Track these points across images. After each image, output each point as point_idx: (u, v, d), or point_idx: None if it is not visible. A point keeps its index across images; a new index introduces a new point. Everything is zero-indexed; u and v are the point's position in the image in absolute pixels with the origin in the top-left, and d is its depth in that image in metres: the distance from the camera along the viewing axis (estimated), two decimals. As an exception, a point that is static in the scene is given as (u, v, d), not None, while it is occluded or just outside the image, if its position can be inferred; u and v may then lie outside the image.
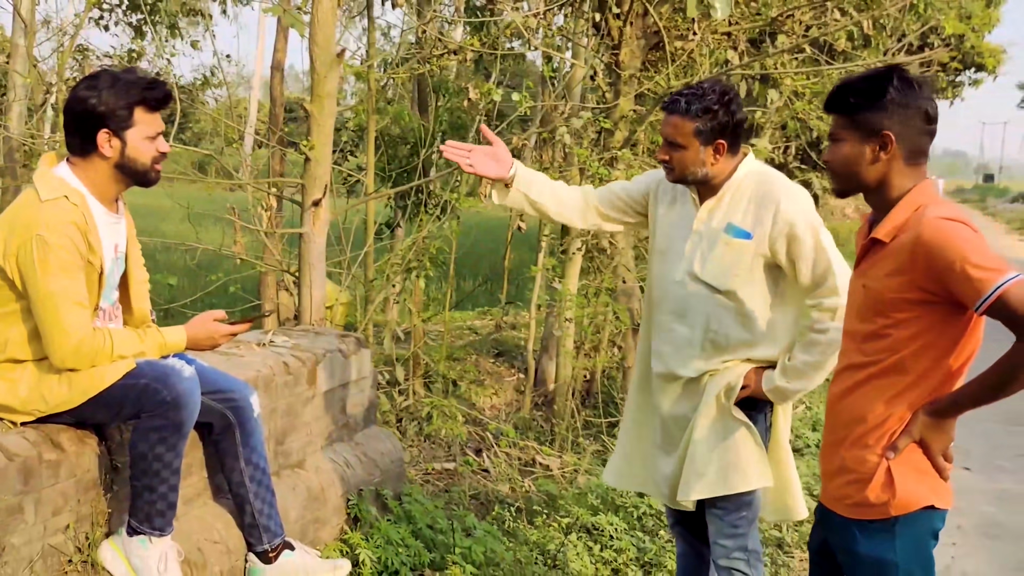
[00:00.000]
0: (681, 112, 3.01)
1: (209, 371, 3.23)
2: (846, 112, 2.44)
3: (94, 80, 2.82)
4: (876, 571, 2.41)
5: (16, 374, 2.81)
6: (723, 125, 3.01)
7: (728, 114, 3.01)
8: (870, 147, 2.40)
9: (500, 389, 10.33)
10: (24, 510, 2.70)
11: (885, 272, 2.37)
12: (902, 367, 2.37)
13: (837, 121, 2.48)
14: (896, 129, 2.38)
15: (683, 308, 3.14)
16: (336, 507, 4.00)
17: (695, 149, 3.02)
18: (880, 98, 2.38)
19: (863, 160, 2.42)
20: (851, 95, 2.43)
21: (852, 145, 2.43)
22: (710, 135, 3.01)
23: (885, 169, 2.41)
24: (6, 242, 2.73)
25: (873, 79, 2.42)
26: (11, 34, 11.00)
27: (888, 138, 2.38)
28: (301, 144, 5.54)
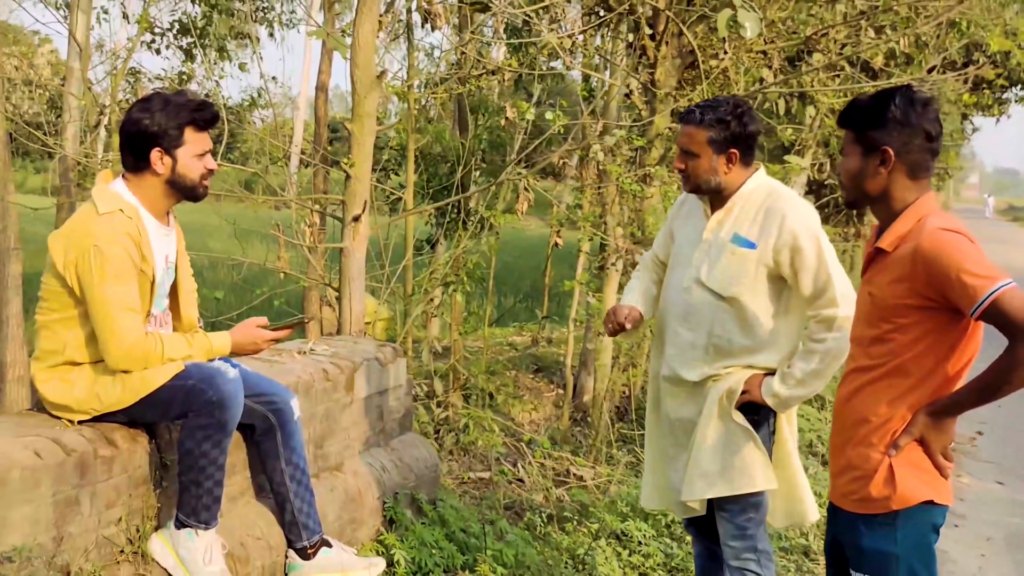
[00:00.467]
0: (695, 122, 3.20)
1: (252, 375, 3.41)
2: (854, 128, 2.62)
3: (147, 103, 3.03)
4: (879, 563, 2.54)
5: (73, 375, 3.01)
6: (735, 135, 3.18)
7: (740, 125, 3.18)
8: (872, 161, 2.57)
9: (539, 404, 10.46)
10: (80, 502, 2.89)
11: (888, 280, 2.52)
12: (904, 370, 2.51)
13: (847, 136, 2.66)
14: (896, 146, 2.54)
15: (689, 314, 3.29)
16: (372, 509, 4.17)
17: (708, 157, 3.20)
18: (882, 116, 2.54)
19: (866, 173, 2.60)
20: (857, 113, 2.61)
21: (857, 159, 2.62)
22: (722, 144, 3.18)
23: (886, 182, 2.58)
24: (66, 252, 2.93)
25: (879, 98, 2.59)
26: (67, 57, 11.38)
27: (887, 154, 2.54)
28: (342, 162, 5.75)
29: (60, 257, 2.94)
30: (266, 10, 13.70)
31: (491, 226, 8.16)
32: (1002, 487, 6.51)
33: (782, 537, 4.86)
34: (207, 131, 3.09)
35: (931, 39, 11.46)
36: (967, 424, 8.29)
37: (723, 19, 5.85)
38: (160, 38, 13.70)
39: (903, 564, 2.52)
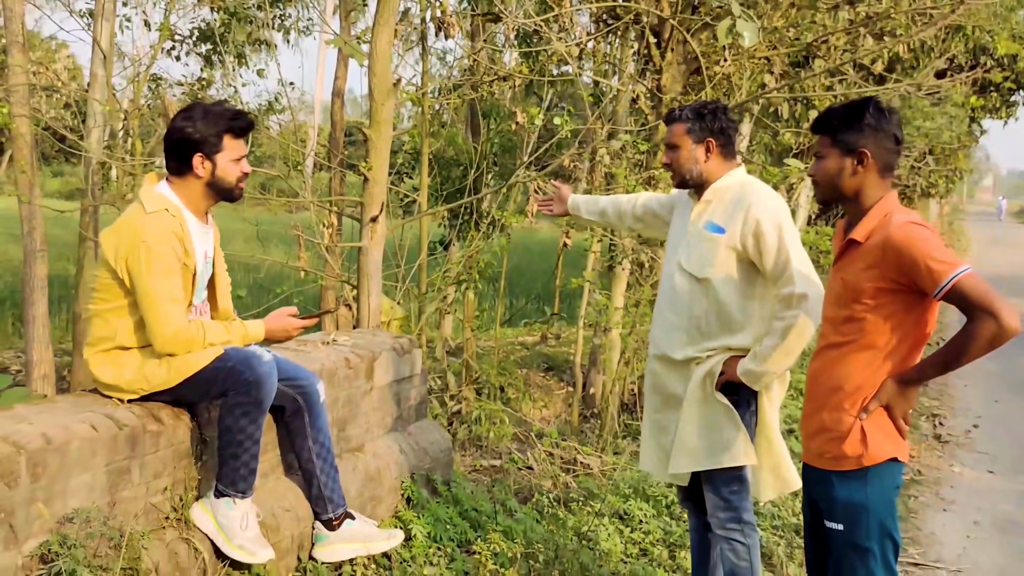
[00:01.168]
0: (676, 118, 3.64)
1: (282, 361, 3.73)
2: (830, 132, 2.96)
3: (189, 112, 3.35)
4: (851, 512, 2.88)
5: (123, 359, 3.33)
6: (711, 127, 3.58)
7: (715, 119, 3.59)
8: (850, 162, 2.91)
9: (549, 402, 10.77)
10: (131, 472, 3.21)
11: (860, 267, 2.86)
12: (873, 344, 2.86)
13: (822, 141, 3.00)
14: (871, 148, 2.89)
15: (673, 297, 3.65)
16: (391, 487, 4.48)
17: (688, 148, 3.60)
18: (859, 121, 2.90)
19: (844, 173, 2.93)
20: (834, 119, 2.96)
21: (834, 161, 2.95)
22: (700, 134, 3.59)
23: (861, 181, 2.92)
24: (117, 247, 3.26)
25: (853, 107, 2.95)
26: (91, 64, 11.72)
27: (864, 154, 2.89)
28: (360, 166, 6.07)
29: (112, 252, 3.26)
30: (283, 17, 14.03)
31: (503, 227, 8.47)
32: (993, 476, 6.78)
33: (774, 516, 5.16)
34: (243, 138, 3.41)
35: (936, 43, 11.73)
36: (963, 417, 8.57)
37: (723, 28, 6.15)
38: (180, 45, 14.05)
39: (872, 513, 2.87)
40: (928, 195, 22.41)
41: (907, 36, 8.71)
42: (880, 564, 2.89)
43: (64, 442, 2.97)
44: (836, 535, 2.92)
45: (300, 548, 3.85)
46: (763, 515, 5.09)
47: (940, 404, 8.98)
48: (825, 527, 2.97)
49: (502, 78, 8.90)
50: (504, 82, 9.09)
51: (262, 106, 15.42)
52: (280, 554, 3.71)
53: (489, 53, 9.94)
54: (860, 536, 2.88)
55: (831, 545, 2.95)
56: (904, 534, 5.37)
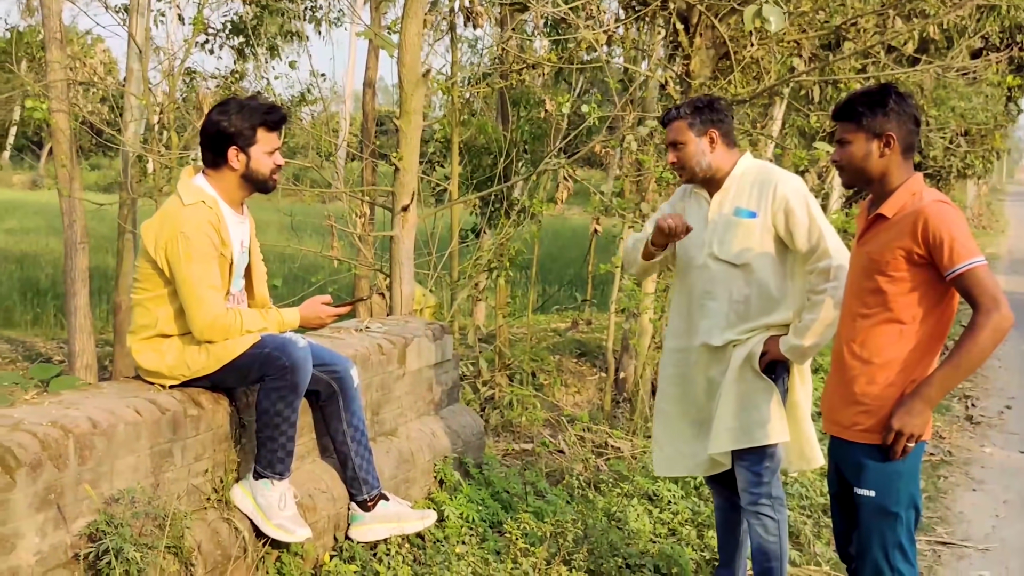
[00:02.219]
0: (675, 116, 3.72)
1: (317, 347, 3.84)
2: (854, 119, 3.04)
3: (225, 106, 3.47)
4: (883, 479, 2.98)
5: (164, 346, 3.46)
6: (711, 119, 3.67)
7: (712, 111, 3.68)
8: (876, 145, 3.01)
9: (582, 388, 10.83)
10: (173, 454, 3.34)
11: (886, 240, 2.96)
12: (898, 317, 2.95)
13: (845, 127, 3.09)
14: (896, 131, 2.99)
15: (710, 286, 3.71)
16: (424, 470, 4.59)
17: (692, 142, 3.68)
18: (883, 106, 3.00)
19: (871, 157, 3.03)
20: (858, 105, 3.04)
21: (861, 145, 3.04)
22: (701, 127, 3.67)
23: (888, 163, 3.02)
24: (156, 238, 3.38)
25: (875, 93, 3.05)
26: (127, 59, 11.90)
27: (891, 137, 2.99)
28: (391, 155, 6.17)
29: (151, 243, 3.38)
30: (314, 9, 14.16)
31: (533, 215, 8.53)
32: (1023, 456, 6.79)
33: (802, 496, 5.21)
34: (276, 131, 3.52)
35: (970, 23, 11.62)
36: (997, 398, 8.55)
37: (749, 14, 6.18)
38: (213, 38, 14.22)
39: (905, 481, 2.98)
40: (964, 176, 22.19)
41: (938, 16, 8.66)
42: (904, 530, 3.01)
43: (110, 426, 3.10)
44: (866, 501, 3.02)
45: (336, 528, 3.97)
46: (791, 495, 5.15)
47: (973, 385, 8.95)
48: (855, 495, 3.06)
49: (531, 66, 8.97)
50: (533, 70, 9.16)
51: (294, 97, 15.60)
52: (317, 534, 3.83)
53: (518, 41, 10.01)
54: (891, 502, 2.99)
55: (860, 512, 3.05)
56: (933, 513, 5.40)
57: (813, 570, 4.40)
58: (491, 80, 10.07)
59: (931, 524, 5.25)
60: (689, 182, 3.82)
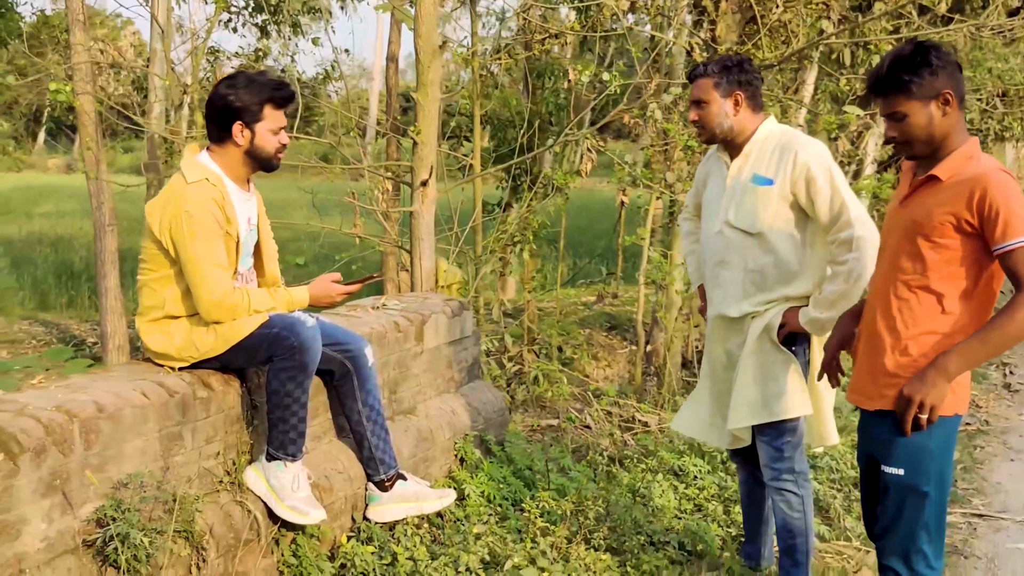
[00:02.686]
0: (701, 74, 3.57)
1: (329, 326, 3.78)
2: (903, 89, 2.80)
3: (233, 80, 3.39)
4: (915, 456, 2.83)
5: (172, 328, 3.40)
6: (738, 79, 3.53)
7: (741, 71, 3.53)
8: (935, 106, 2.79)
9: (612, 361, 10.74)
10: (183, 437, 3.29)
11: (937, 204, 2.77)
12: (937, 287, 2.78)
13: (895, 100, 2.83)
14: (950, 85, 2.79)
15: (725, 255, 3.59)
16: (444, 448, 4.53)
17: (716, 102, 3.54)
18: (929, 65, 2.77)
19: (934, 120, 2.80)
20: (903, 72, 2.79)
21: (919, 113, 2.80)
22: (727, 87, 3.53)
23: (952, 121, 2.81)
24: (161, 217, 3.32)
25: (913, 55, 2.80)
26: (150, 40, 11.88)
27: (949, 94, 2.78)
28: (409, 130, 6.08)
29: (156, 222, 3.32)
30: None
31: (559, 188, 8.41)
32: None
33: (832, 469, 5.09)
34: (284, 108, 3.44)
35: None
36: (1036, 367, 8.36)
37: (772, -25, 6.00)
38: (236, 17, 14.17)
39: (935, 459, 2.83)
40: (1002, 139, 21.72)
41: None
42: (933, 510, 2.87)
43: (117, 409, 3.05)
44: (894, 480, 2.87)
45: (354, 509, 3.91)
46: (820, 468, 5.04)
47: (1011, 352, 8.75)
48: (882, 473, 2.91)
49: (553, 35, 8.83)
50: (555, 39, 9.01)
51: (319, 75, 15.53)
52: (334, 515, 3.78)
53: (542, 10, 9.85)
54: (920, 480, 2.84)
55: (887, 490, 2.90)
56: (969, 484, 5.27)
57: (843, 545, 4.29)
58: (513, 51, 9.94)
59: (967, 495, 5.11)
60: (708, 143, 3.69)
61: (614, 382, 9.68)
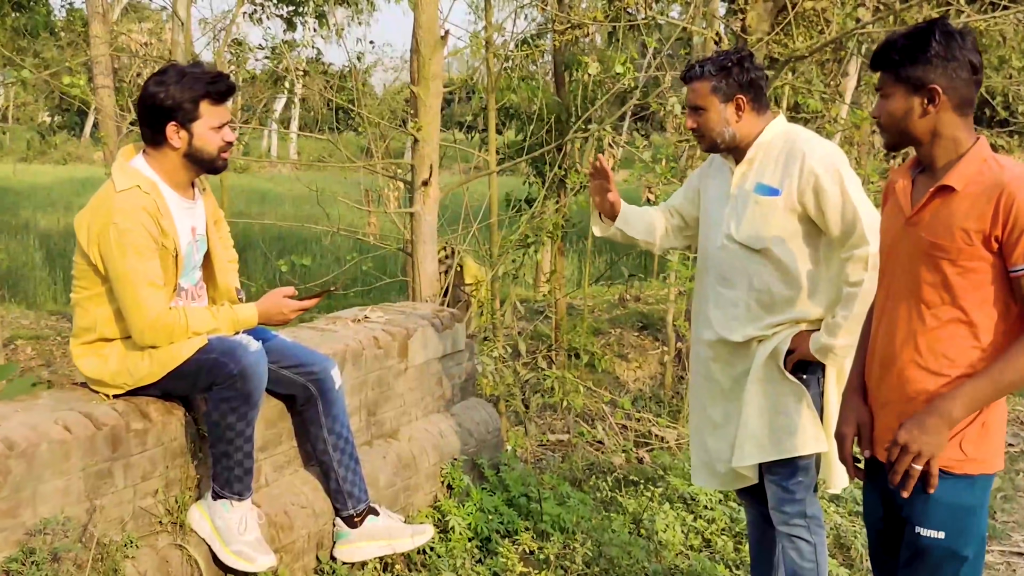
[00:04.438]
0: (697, 76, 3.12)
1: (291, 346, 3.42)
2: (891, 68, 2.46)
3: (163, 75, 3.02)
4: (956, 514, 2.41)
5: (106, 351, 3.06)
6: (739, 81, 3.09)
7: (743, 71, 3.08)
8: (918, 101, 2.41)
9: (643, 362, 10.33)
10: (114, 475, 2.95)
11: (956, 218, 2.36)
12: (972, 315, 2.37)
13: (884, 78, 2.50)
14: (942, 82, 2.39)
15: (727, 272, 3.18)
16: (428, 474, 4.15)
17: (716, 109, 3.10)
18: (925, 52, 2.39)
19: (912, 114, 2.43)
20: (895, 51, 2.45)
21: (900, 100, 2.45)
22: (728, 91, 3.09)
23: (934, 122, 2.42)
24: (89, 230, 2.97)
25: (916, 35, 2.43)
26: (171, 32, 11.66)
27: (936, 91, 2.39)
28: (409, 126, 5.71)
29: (84, 235, 2.98)
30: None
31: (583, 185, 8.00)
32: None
33: (856, 500, 4.65)
34: (224, 103, 3.07)
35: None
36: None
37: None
38: (261, 8, 13.91)
39: (977, 519, 2.44)
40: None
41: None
42: (972, 571, 2.46)
43: (31, 445, 2.72)
44: (932, 544, 2.42)
45: (319, 547, 3.56)
46: (842, 498, 4.60)
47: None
48: (915, 535, 2.45)
49: (575, 27, 8.41)
50: (577, 30, 8.60)
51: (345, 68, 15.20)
52: (295, 555, 3.43)
53: (567, 0, 9.44)
54: (962, 544, 2.42)
55: (922, 555, 2.45)
56: (1009, 517, 4.80)
57: (867, 590, 3.86)
58: (534, 41, 9.54)
59: (1006, 530, 4.64)
60: (710, 151, 3.28)
61: (645, 384, 9.28)
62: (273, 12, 14.04)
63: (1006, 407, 2.47)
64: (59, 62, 14.37)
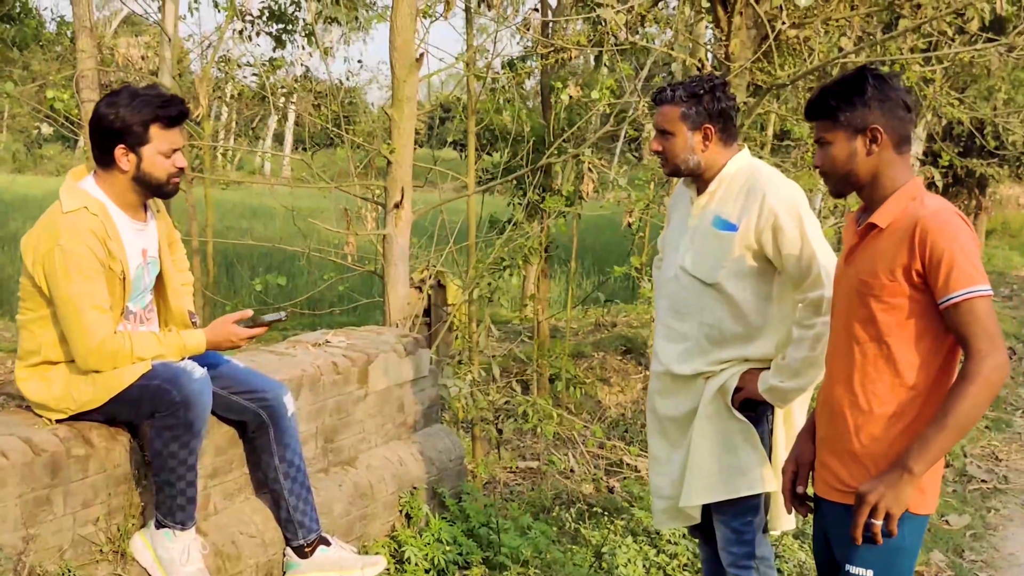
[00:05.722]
0: (668, 100, 3.07)
1: (242, 371, 3.37)
2: (829, 115, 2.51)
3: (115, 97, 2.97)
4: (886, 553, 2.42)
5: (51, 374, 3.01)
6: (709, 111, 3.04)
7: (714, 100, 3.04)
8: (860, 142, 2.47)
9: (626, 386, 10.28)
10: (52, 502, 2.89)
11: (881, 255, 2.41)
12: (897, 352, 2.40)
13: (822, 125, 2.55)
14: (882, 121, 2.45)
15: (678, 304, 3.15)
16: (386, 504, 4.09)
17: (683, 135, 3.06)
18: (861, 95, 2.46)
19: (856, 157, 2.49)
20: (831, 98, 2.50)
21: (842, 145, 2.50)
22: (696, 119, 3.04)
23: (877, 162, 2.47)
24: (34, 251, 2.92)
25: (849, 81, 2.51)
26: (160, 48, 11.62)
27: (877, 131, 2.45)
28: (381, 148, 5.68)
29: (30, 257, 2.93)
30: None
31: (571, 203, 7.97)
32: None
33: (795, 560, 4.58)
34: (175, 128, 3.02)
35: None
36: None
37: (777, -13, 5.54)
38: (251, 25, 13.89)
39: (907, 559, 2.46)
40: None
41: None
42: None
43: (-35, 472, 2.66)
44: None
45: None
46: (806, 534, 4.54)
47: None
48: (847, 572, 2.48)
49: (557, 50, 8.40)
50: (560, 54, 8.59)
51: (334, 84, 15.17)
52: (242, 585, 3.37)
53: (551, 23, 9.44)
54: None
55: None
56: (977, 556, 4.74)
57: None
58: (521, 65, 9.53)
59: (973, 569, 4.59)
60: (672, 175, 3.24)
61: (627, 408, 9.22)
62: (263, 29, 14.03)
63: None
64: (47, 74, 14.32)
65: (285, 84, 13.19)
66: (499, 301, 8.89)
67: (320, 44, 14.43)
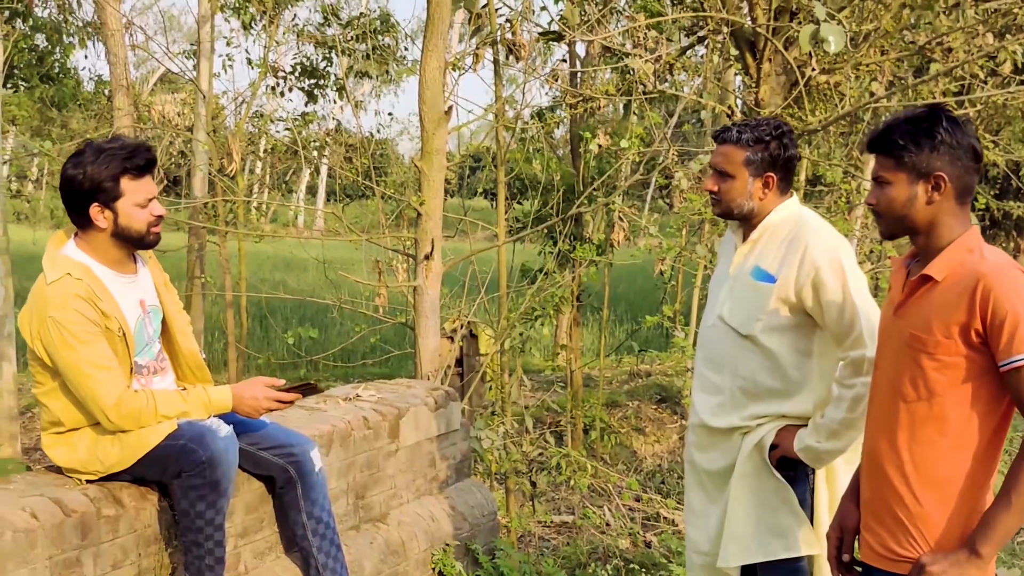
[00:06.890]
0: (732, 141, 2.97)
1: (271, 427, 3.34)
2: (893, 154, 2.35)
3: (80, 156, 2.94)
4: None
5: (75, 439, 2.98)
6: (774, 158, 2.95)
7: (780, 147, 2.95)
8: (922, 188, 2.32)
9: (661, 436, 10.17)
10: (83, 563, 2.87)
11: (936, 311, 2.27)
12: (949, 414, 2.26)
13: (883, 163, 2.39)
14: (948, 170, 2.30)
15: (713, 354, 3.07)
16: (418, 561, 4.04)
17: (743, 180, 2.97)
18: (931, 139, 2.30)
19: (916, 202, 2.33)
20: (899, 136, 2.34)
21: (902, 188, 2.34)
22: (760, 166, 2.95)
23: (937, 211, 2.33)
24: (30, 326, 2.91)
25: (921, 119, 2.34)
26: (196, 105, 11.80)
27: (942, 179, 2.30)
28: (412, 200, 5.69)
29: (27, 333, 2.91)
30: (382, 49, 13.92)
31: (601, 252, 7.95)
32: None
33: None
34: (145, 176, 2.98)
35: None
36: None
37: (805, 35, 5.52)
38: (283, 81, 14.11)
39: None
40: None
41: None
42: None
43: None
44: None
45: (299, 637, 3.44)
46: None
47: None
48: None
49: (585, 99, 8.44)
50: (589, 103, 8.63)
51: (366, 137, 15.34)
52: (272, 646, 3.32)
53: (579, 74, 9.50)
54: None
55: None
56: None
57: None
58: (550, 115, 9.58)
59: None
60: (722, 217, 3.13)
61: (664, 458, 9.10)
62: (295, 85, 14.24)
63: None
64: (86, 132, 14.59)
65: (317, 138, 13.35)
66: (530, 351, 8.84)
67: (351, 98, 14.62)
